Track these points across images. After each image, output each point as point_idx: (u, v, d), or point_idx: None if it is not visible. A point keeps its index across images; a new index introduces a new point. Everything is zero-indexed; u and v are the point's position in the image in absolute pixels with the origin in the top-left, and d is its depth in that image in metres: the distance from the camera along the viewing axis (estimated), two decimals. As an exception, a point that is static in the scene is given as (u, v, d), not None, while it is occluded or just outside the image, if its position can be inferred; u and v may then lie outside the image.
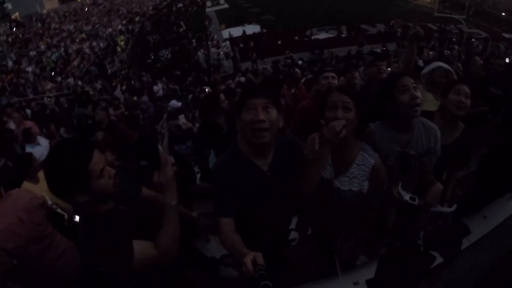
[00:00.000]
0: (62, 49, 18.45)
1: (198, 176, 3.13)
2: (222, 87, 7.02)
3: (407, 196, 1.49)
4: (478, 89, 1.88)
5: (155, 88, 10.52)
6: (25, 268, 1.64)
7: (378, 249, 2.02)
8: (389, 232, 1.98)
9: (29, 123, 5.18)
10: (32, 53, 17.93)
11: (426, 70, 2.45)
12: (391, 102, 1.59)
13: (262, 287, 1.00)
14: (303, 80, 5.91)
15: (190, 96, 7.68)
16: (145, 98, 8.92)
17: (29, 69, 15.71)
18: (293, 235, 2.09)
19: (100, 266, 1.22)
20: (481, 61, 3.30)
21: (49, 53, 17.92)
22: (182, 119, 3.17)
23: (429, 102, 2.33)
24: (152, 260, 1.21)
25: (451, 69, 2.35)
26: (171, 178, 1.26)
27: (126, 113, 5.96)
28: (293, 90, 4.20)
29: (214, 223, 1.43)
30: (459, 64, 4.15)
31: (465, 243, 1.69)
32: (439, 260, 1.62)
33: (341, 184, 1.53)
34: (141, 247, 1.18)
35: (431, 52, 9.88)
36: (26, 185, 2.36)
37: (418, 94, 1.56)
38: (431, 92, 2.39)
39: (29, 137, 4.24)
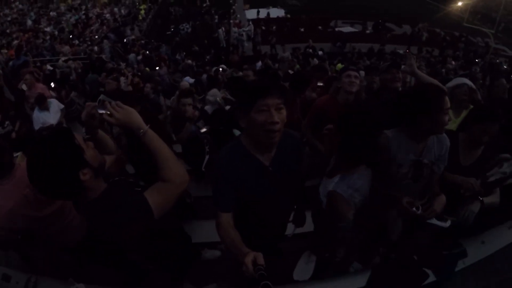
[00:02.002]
0: (83, 12, 18.28)
1: (207, 158, 3.16)
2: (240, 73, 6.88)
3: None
4: (502, 114, 1.80)
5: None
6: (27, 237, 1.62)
7: (372, 258, 2.03)
8: (385, 242, 1.98)
9: (40, 86, 5.20)
10: (52, 14, 17.79)
11: (450, 84, 2.36)
12: (426, 117, 1.53)
13: (262, 287, 1.00)
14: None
15: (205, 75, 7.61)
16: (162, 70, 8.83)
17: (48, 29, 15.58)
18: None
19: (125, 238, 1.22)
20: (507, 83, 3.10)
21: (69, 15, 17.76)
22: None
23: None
24: (169, 194, 1.21)
25: (476, 89, 2.27)
26: (126, 111, 1.19)
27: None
28: (320, 83, 4.07)
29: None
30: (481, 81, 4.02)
31: (460, 265, 1.69)
32: (431, 278, 1.62)
33: (324, 180, 1.71)
34: (152, 195, 1.19)
35: (453, 62, 9.65)
36: None
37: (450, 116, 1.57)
38: (450, 107, 2.34)
39: (41, 104, 4.35)
